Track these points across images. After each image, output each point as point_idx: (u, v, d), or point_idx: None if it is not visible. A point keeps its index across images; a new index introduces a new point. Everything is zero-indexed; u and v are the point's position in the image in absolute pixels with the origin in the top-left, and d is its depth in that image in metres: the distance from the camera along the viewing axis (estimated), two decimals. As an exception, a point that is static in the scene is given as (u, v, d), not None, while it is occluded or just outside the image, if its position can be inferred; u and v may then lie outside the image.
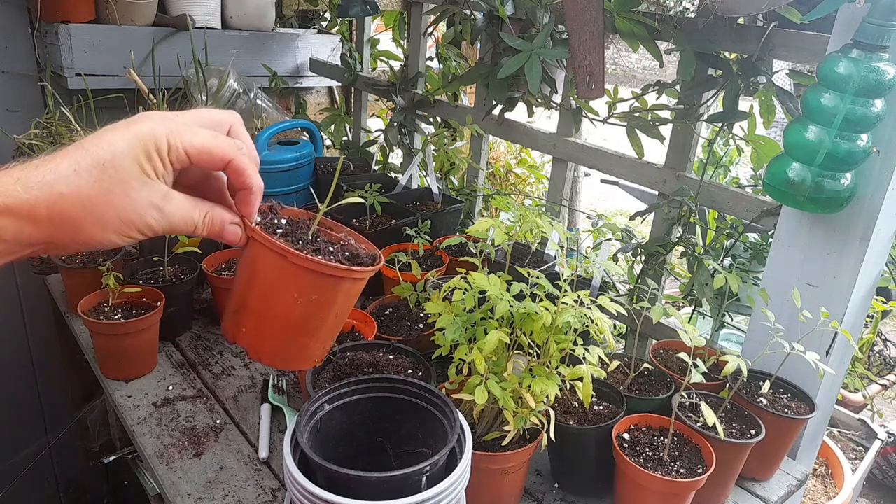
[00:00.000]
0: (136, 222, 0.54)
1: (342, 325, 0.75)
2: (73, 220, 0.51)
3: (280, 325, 0.68)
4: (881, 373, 2.53)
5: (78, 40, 1.90)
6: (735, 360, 0.95)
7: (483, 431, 0.95)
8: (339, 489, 0.72)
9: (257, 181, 0.61)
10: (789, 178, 1.02)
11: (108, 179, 0.51)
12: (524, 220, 1.01)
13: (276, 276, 0.65)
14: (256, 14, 2.23)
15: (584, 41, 1.32)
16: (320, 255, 0.67)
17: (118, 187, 0.52)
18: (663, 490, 0.94)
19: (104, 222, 0.53)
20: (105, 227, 0.53)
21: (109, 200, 0.52)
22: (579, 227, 3.67)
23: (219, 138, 0.57)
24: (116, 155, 0.52)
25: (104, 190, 0.52)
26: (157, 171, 0.54)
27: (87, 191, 0.51)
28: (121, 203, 0.53)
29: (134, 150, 0.52)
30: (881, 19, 0.91)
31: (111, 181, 0.52)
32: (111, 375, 1.28)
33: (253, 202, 0.62)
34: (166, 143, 0.54)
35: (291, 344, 0.71)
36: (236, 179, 0.60)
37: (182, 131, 0.55)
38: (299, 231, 0.70)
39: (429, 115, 1.98)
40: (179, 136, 0.54)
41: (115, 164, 0.51)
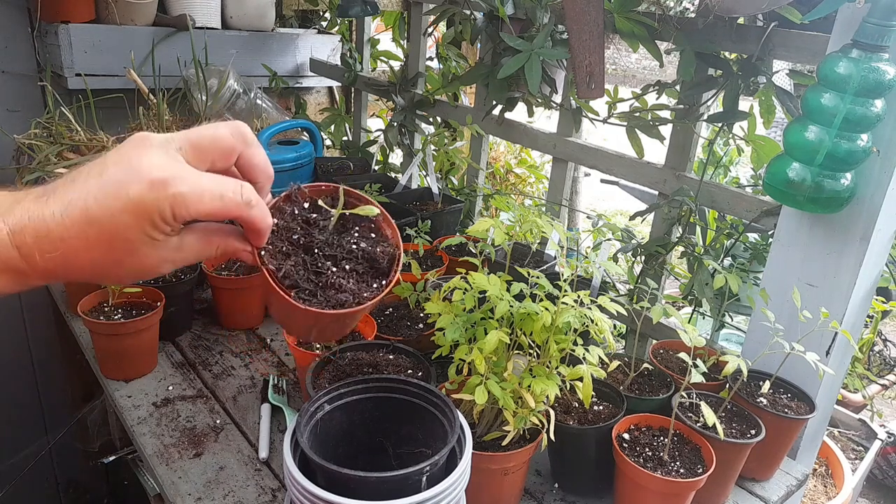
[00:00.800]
0: (150, 273, 0.56)
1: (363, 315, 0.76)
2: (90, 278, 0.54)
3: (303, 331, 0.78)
4: (881, 373, 2.53)
5: (78, 40, 1.90)
6: (735, 360, 0.95)
7: (483, 431, 0.95)
8: (339, 489, 0.72)
9: (265, 223, 0.60)
10: (789, 178, 1.02)
11: (118, 251, 0.52)
12: (524, 220, 1.01)
13: (287, 309, 0.67)
14: (256, 14, 2.23)
15: (584, 41, 1.32)
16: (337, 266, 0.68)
17: (129, 256, 0.53)
18: (663, 490, 0.94)
19: (117, 279, 0.56)
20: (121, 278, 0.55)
21: (121, 266, 0.53)
22: (579, 227, 3.67)
23: (224, 200, 0.54)
24: (122, 231, 0.51)
25: (116, 260, 0.53)
26: (165, 232, 0.53)
27: (100, 259, 0.52)
28: (133, 266, 0.54)
29: (140, 225, 0.51)
30: (881, 19, 0.91)
31: (122, 252, 0.52)
32: (111, 375, 1.28)
33: (261, 238, 0.62)
34: (170, 212, 0.52)
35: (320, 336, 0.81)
36: (245, 228, 0.60)
37: (186, 199, 0.52)
38: (320, 222, 0.69)
39: (429, 115, 1.98)
40: (184, 205, 0.52)
41: (124, 236, 0.51)
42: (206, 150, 0.55)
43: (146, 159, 0.51)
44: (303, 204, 0.70)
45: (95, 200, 0.50)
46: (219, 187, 0.54)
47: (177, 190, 0.51)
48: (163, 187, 0.51)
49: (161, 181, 0.51)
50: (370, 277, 0.71)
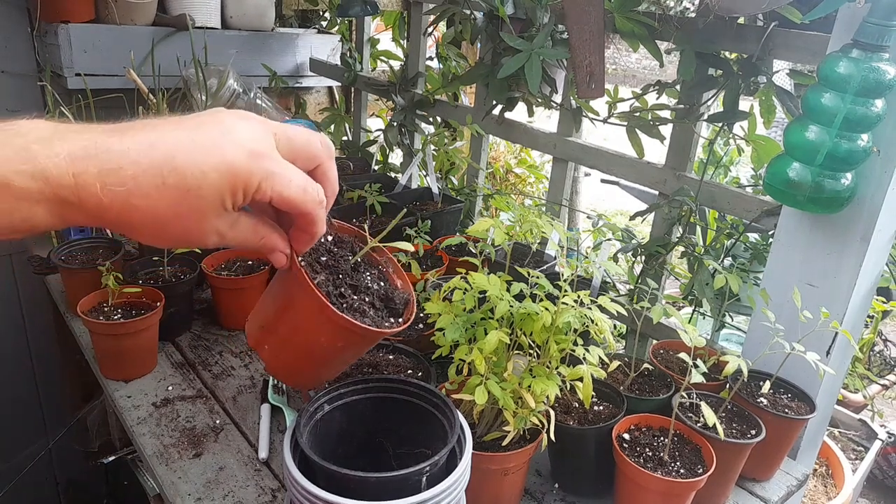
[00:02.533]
0: (194, 241, 0.53)
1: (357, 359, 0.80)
2: (137, 228, 0.50)
3: (303, 357, 0.72)
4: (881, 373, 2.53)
5: (78, 40, 1.90)
6: (735, 360, 0.95)
7: (483, 431, 0.95)
8: (338, 489, 0.72)
9: (321, 229, 0.60)
10: (790, 178, 1.02)
11: (186, 206, 0.49)
12: (524, 220, 1.01)
13: (311, 319, 0.67)
14: (256, 14, 2.23)
15: (584, 41, 1.32)
16: (357, 295, 0.70)
17: (193, 215, 0.50)
18: (663, 490, 0.94)
19: (165, 236, 0.51)
20: (163, 239, 0.52)
21: (180, 223, 0.50)
22: (579, 227, 3.67)
23: (307, 194, 0.55)
24: (203, 187, 0.49)
25: (179, 214, 0.50)
26: (235, 205, 0.52)
27: (162, 211, 0.49)
28: (190, 227, 0.51)
29: (222, 186, 0.50)
30: (881, 19, 0.91)
31: (189, 208, 0.50)
32: (111, 375, 1.28)
33: (309, 244, 0.62)
34: (256, 187, 0.51)
35: (308, 372, 0.75)
36: (305, 226, 0.59)
37: (276, 178, 0.52)
38: (343, 256, 0.72)
39: (429, 114, 1.98)
40: (272, 184, 0.52)
41: (199, 194, 0.49)
42: (297, 149, 0.56)
43: (248, 130, 0.52)
44: (328, 237, 0.72)
45: (186, 151, 0.48)
46: (304, 180, 0.55)
47: (270, 168, 0.51)
48: (259, 159, 0.51)
49: (259, 153, 0.51)
50: (385, 314, 0.73)
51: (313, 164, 0.58)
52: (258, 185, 0.51)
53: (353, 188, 1.71)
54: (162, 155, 0.48)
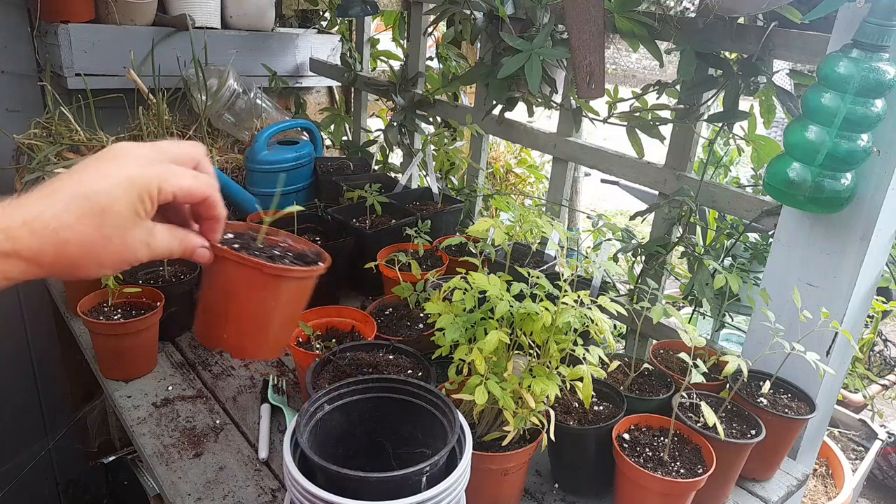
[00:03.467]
0: (129, 258, 0.61)
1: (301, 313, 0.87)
2: (75, 261, 0.57)
3: (262, 325, 0.76)
4: (881, 373, 2.53)
5: (78, 40, 1.90)
6: (735, 360, 0.95)
7: (483, 431, 0.95)
8: (338, 489, 0.72)
9: (223, 211, 0.69)
10: (790, 178, 1.02)
11: (108, 226, 0.57)
12: (524, 220, 1.01)
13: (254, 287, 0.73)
14: (256, 14, 2.23)
15: (584, 41, 1.32)
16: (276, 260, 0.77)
17: (116, 232, 0.58)
18: (663, 490, 0.94)
19: (102, 261, 0.59)
20: (102, 265, 0.59)
21: (109, 244, 0.58)
22: (579, 227, 3.67)
23: (198, 178, 0.64)
24: (114, 203, 0.57)
25: (105, 236, 0.57)
26: (146, 212, 0.60)
27: (90, 237, 0.56)
28: (118, 245, 0.59)
29: (130, 197, 0.58)
30: (881, 19, 0.91)
31: (111, 228, 0.57)
32: (111, 375, 1.28)
33: (219, 229, 0.70)
34: (157, 189, 0.59)
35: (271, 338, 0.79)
36: (207, 212, 0.68)
37: (168, 176, 0.61)
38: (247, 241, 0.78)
39: (429, 114, 1.98)
40: (168, 182, 0.60)
41: (113, 211, 0.57)
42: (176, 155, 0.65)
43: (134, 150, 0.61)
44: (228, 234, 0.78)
45: (90, 180, 0.57)
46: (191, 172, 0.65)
47: (161, 170, 0.61)
48: (150, 166, 0.60)
49: (149, 160, 0.61)
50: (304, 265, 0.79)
51: (192, 164, 0.66)
52: (158, 186, 0.59)
53: (353, 188, 1.71)
54: (71, 190, 0.56)
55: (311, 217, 1.64)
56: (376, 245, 1.53)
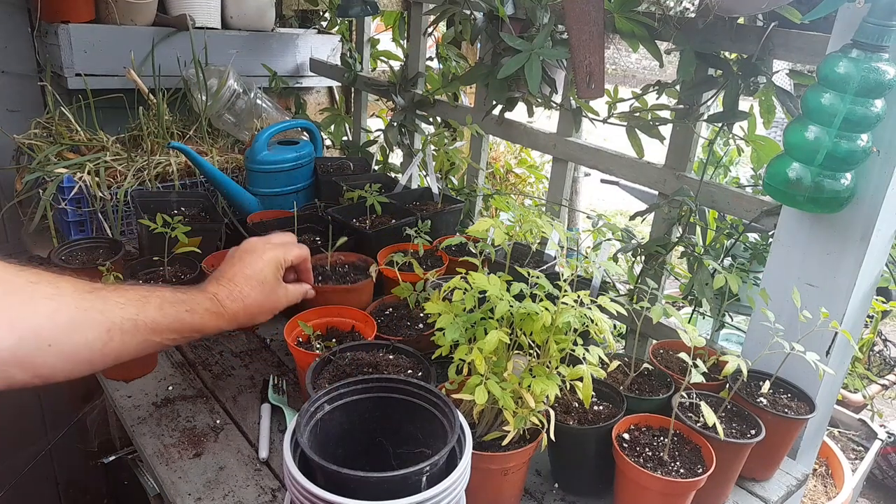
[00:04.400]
0: (276, 308, 1.06)
1: None
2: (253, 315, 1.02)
3: None
4: (881, 373, 2.53)
5: (78, 40, 1.90)
6: (735, 360, 0.95)
7: (483, 431, 0.95)
8: (338, 489, 0.72)
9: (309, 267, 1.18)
10: (789, 178, 1.02)
11: (266, 291, 1.03)
12: (524, 220, 1.01)
13: None
14: (256, 14, 2.23)
15: (584, 41, 1.32)
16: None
17: (271, 293, 1.04)
18: (663, 490, 0.94)
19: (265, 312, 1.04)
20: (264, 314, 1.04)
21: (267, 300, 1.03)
22: (579, 227, 3.67)
23: (301, 250, 1.13)
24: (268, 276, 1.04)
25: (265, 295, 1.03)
26: (282, 274, 1.08)
27: (260, 299, 1.01)
28: (273, 301, 1.05)
29: (274, 271, 1.05)
30: (881, 19, 0.91)
31: (268, 292, 1.03)
32: (111, 375, 1.28)
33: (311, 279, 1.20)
34: (284, 261, 1.08)
35: None
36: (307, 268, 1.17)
37: (289, 252, 1.09)
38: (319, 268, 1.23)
39: (429, 115, 1.98)
40: (290, 255, 1.09)
41: (267, 281, 1.03)
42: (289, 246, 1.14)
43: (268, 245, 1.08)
44: None
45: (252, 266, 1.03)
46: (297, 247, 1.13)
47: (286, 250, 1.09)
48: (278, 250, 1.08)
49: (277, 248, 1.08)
50: None
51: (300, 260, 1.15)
52: (284, 258, 1.08)
53: (353, 188, 1.71)
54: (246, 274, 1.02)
55: (312, 217, 1.64)
56: (376, 245, 1.53)
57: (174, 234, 1.35)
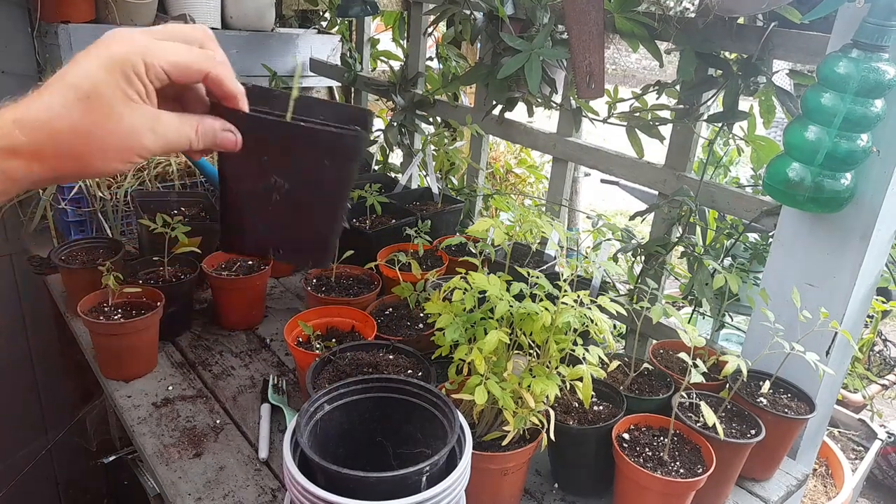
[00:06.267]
0: (135, 147, 0.56)
1: None
2: (76, 153, 0.54)
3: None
4: (881, 373, 2.53)
5: (78, 40, 1.90)
6: (735, 360, 0.95)
7: (483, 431, 0.95)
8: (338, 489, 0.72)
9: (238, 87, 0.61)
10: (789, 178, 1.02)
11: (96, 111, 0.54)
12: (524, 220, 1.01)
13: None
14: (256, 14, 2.23)
15: (584, 41, 1.32)
16: None
17: (108, 117, 0.54)
18: (663, 490, 0.94)
19: (105, 151, 0.55)
20: (106, 156, 0.55)
21: (104, 130, 0.54)
22: (579, 227, 3.67)
23: (192, 52, 0.58)
24: (97, 84, 0.53)
25: (96, 121, 0.54)
26: (139, 93, 0.55)
27: (82, 124, 0.53)
28: (116, 130, 0.55)
29: (114, 77, 0.54)
30: (881, 19, 0.91)
31: (100, 112, 0.54)
32: (111, 375, 1.28)
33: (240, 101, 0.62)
34: (142, 64, 0.54)
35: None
36: (217, 90, 0.61)
37: (155, 49, 0.55)
38: None
39: (429, 115, 1.98)
40: (154, 55, 0.55)
41: (98, 93, 0.53)
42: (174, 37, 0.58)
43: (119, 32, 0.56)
44: None
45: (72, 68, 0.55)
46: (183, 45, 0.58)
47: (147, 44, 0.55)
48: (132, 42, 0.55)
49: (130, 38, 0.55)
50: None
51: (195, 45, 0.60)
52: (143, 61, 0.54)
53: (353, 188, 1.71)
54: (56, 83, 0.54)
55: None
56: (376, 245, 1.53)
57: (174, 233, 1.35)
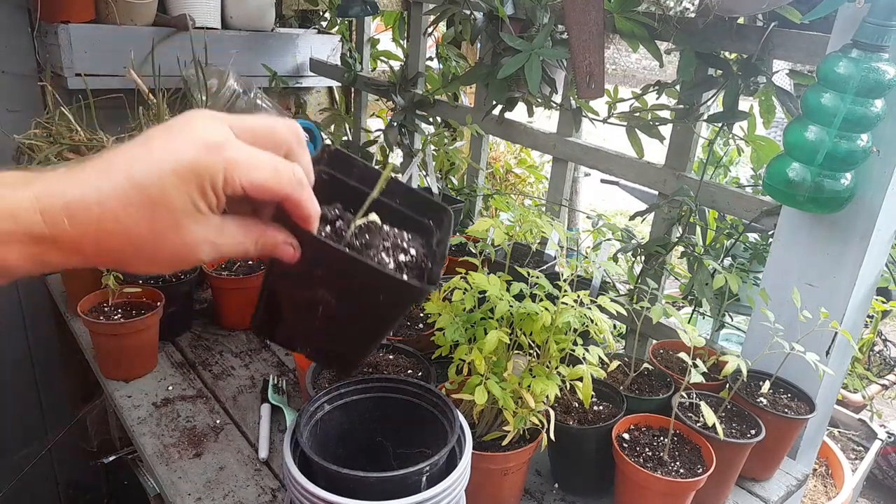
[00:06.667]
0: (188, 259, 0.50)
1: None
2: (121, 256, 0.48)
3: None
4: (881, 373, 2.53)
5: (78, 40, 1.90)
6: (735, 360, 0.95)
7: (483, 431, 0.95)
8: (339, 489, 0.72)
9: (314, 210, 0.55)
10: (789, 178, 1.02)
11: (159, 221, 0.47)
12: (524, 220, 1.01)
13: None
14: (256, 14, 2.23)
15: (583, 41, 1.32)
16: None
17: (170, 228, 0.48)
18: (663, 490, 0.94)
19: (153, 259, 0.49)
20: (153, 263, 0.50)
21: (160, 240, 0.48)
22: (579, 227, 3.67)
23: (279, 174, 0.51)
24: (168, 192, 0.46)
25: (155, 230, 0.47)
26: (210, 206, 0.49)
27: (138, 231, 0.47)
28: (172, 243, 0.48)
29: (188, 188, 0.47)
30: (881, 19, 0.91)
31: (162, 223, 0.47)
32: (111, 375, 1.28)
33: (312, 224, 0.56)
34: (222, 179, 0.48)
35: None
36: (293, 211, 0.54)
37: (240, 165, 0.48)
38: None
39: (429, 115, 1.98)
40: (237, 172, 0.48)
41: (166, 204, 0.46)
42: (259, 136, 0.52)
43: (200, 125, 0.49)
44: None
45: (142, 162, 0.46)
46: (272, 160, 0.51)
47: (231, 155, 0.48)
48: (217, 150, 0.48)
49: (216, 144, 0.48)
50: None
51: (280, 152, 0.54)
52: (223, 176, 0.48)
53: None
54: (122, 174, 0.46)
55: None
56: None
57: (174, 234, 1.35)
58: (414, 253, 0.66)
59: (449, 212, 0.68)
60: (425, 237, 0.69)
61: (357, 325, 0.65)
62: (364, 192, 0.64)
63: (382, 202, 0.64)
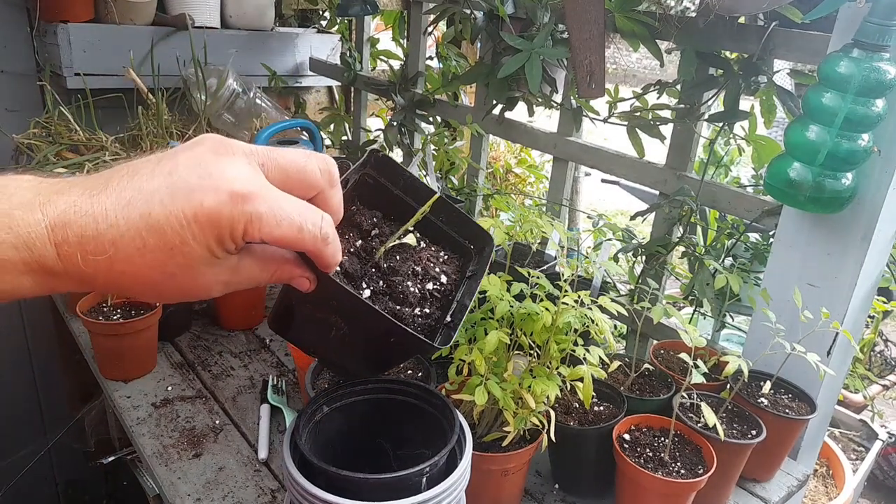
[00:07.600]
0: (199, 296, 0.50)
1: None
2: (132, 291, 0.47)
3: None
4: (882, 373, 2.53)
5: (77, 40, 1.90)
6: (736, 360, 0.95)
7: (483, 432, 0.95)
8: (338, 490, 0.72)
9: (335, 260, 0.53)
10: (790, 178, 1.02)
11: (174, 265, 0.45)
12: (524, 220, 1.01)
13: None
14: (256, 13, 2.23)
15: (584, 40, 1.32)
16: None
17: (186, 272, 0.46)
18: (664, 491, 0.93)
19: (162, 295, 0.49)
20: (162, 297, 0.49)
21: (172, 281, 0.47)
22: (580, 227, 3.66)
23: (303, 233, 0.49)
24: (187, 242, 0.45)
25: (169, 274, 0.46)
26: (228, 251, 0.47)
27: (150, 274, 0.45)
28: (185, 284, 0.48)
29: (206, 237, 0.45)
30: (882, 19, 0.91)
31: (177, 266, 0.46)
32: (110, 376, 1.27)
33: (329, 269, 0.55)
34: (242, 230, 0.46)
35: None
36: (313, 259, 0.53)
37: (263, 221, 0.46)
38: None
39: (429, 114, 1.98)
40: (260, 223, 0.46)
41: (184, 250, 0.45)
42: (291, 178, 0.51)
43: (229, 168, 0.46)
44: None
45: (161, 204, 0.44)
46: (300, 216, 0.48)
47: (256, 209, 0.46)
48: (242, 202, 0.45)
49: (242, 195, 0.45)
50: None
51: (311, 194, 0.52)
52: (244, 229, 0.46)
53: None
54: (139, 214, 0.44)
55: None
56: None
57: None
58: (444, 281, 0.67)
59: (492, 242, 0.69)
60: (462, 260, 0.71)
61: (366, 353, 0.67)
62: (407, 204, 0.64)
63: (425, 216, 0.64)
